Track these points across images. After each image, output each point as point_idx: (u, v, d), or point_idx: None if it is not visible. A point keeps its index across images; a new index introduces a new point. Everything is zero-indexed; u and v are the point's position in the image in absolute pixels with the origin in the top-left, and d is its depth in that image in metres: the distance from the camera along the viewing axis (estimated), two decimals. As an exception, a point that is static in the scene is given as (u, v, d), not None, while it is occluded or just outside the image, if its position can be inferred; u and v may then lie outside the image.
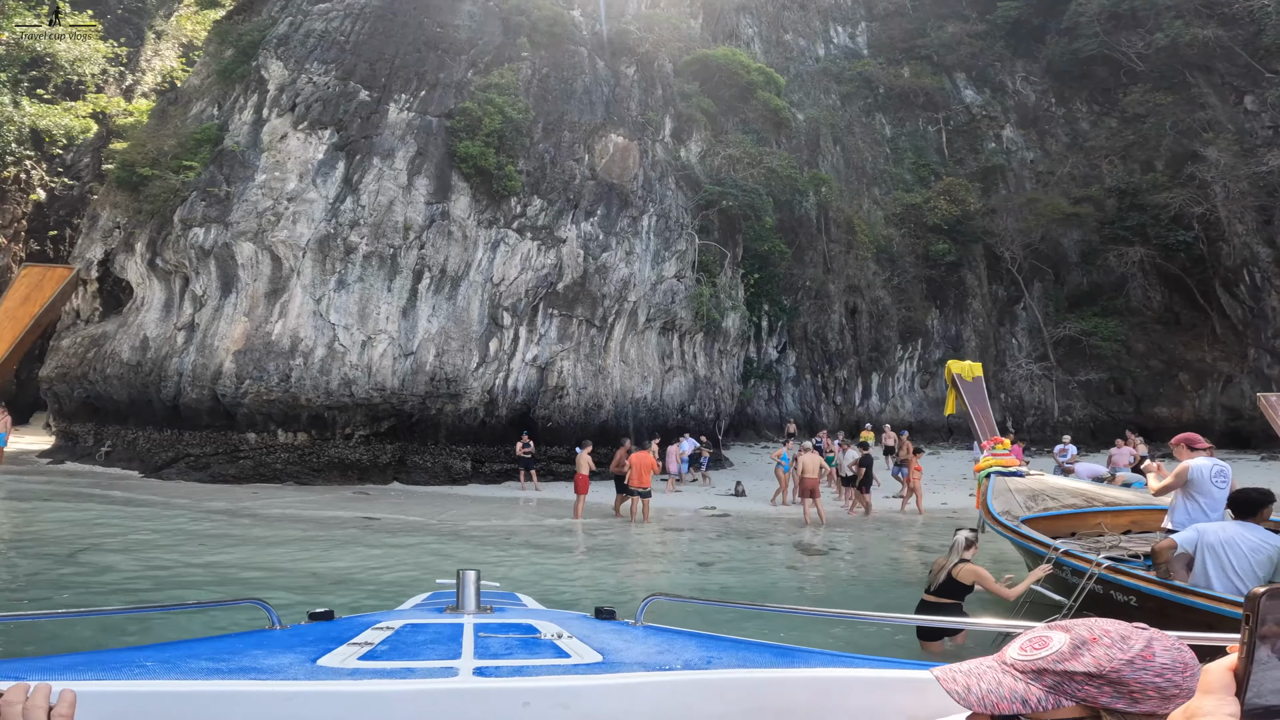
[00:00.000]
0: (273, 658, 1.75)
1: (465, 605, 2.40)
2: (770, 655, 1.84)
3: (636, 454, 16.60)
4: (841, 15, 43.52)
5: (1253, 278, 31.61)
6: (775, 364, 34.05)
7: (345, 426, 21.26)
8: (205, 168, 21.56)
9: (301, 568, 11.10)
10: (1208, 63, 34.41)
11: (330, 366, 20.84)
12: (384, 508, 17.20)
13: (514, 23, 25.34)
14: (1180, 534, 6.27)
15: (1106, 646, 0.91)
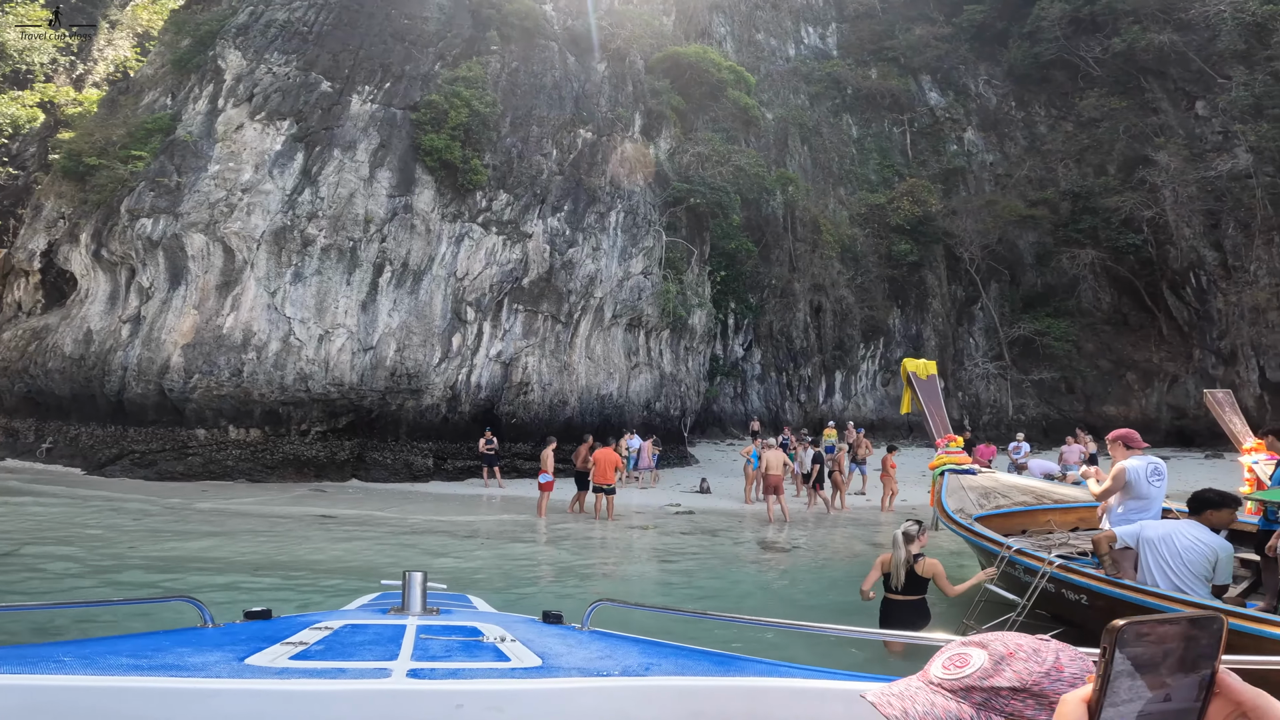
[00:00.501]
0: (199, 655, 1.70)
1: (410, 607, 2.36)
2: (709, 663, 1.83)
3: (600, 450, 16.35)
4: (813, 16, 43.40)
5: (1199, 280, 32.43)
6: (741, 361, 34.04)
7: (301, 422, 20.57)
8: (155, 158, 20.57)
9: (246, 565, 10.71)
10: (1162, 68, 35.02)
11: (285, 361, 20.10)
12: (341, 505, 16.72)
13: (484, 16, 24.64)
14: (1122, 528, 6.30)
15: (1024, 660, 0.91)
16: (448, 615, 2.40)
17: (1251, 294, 30.01)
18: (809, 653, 5.61)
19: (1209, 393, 11.80)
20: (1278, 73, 30.70)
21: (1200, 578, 5.94)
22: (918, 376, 11.96)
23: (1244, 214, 30.69)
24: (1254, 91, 31.20)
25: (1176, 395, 33.28)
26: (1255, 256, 30.28)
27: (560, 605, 2.65)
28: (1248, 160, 30.80)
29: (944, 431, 11.37)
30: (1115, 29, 35.73)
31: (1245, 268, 30.59)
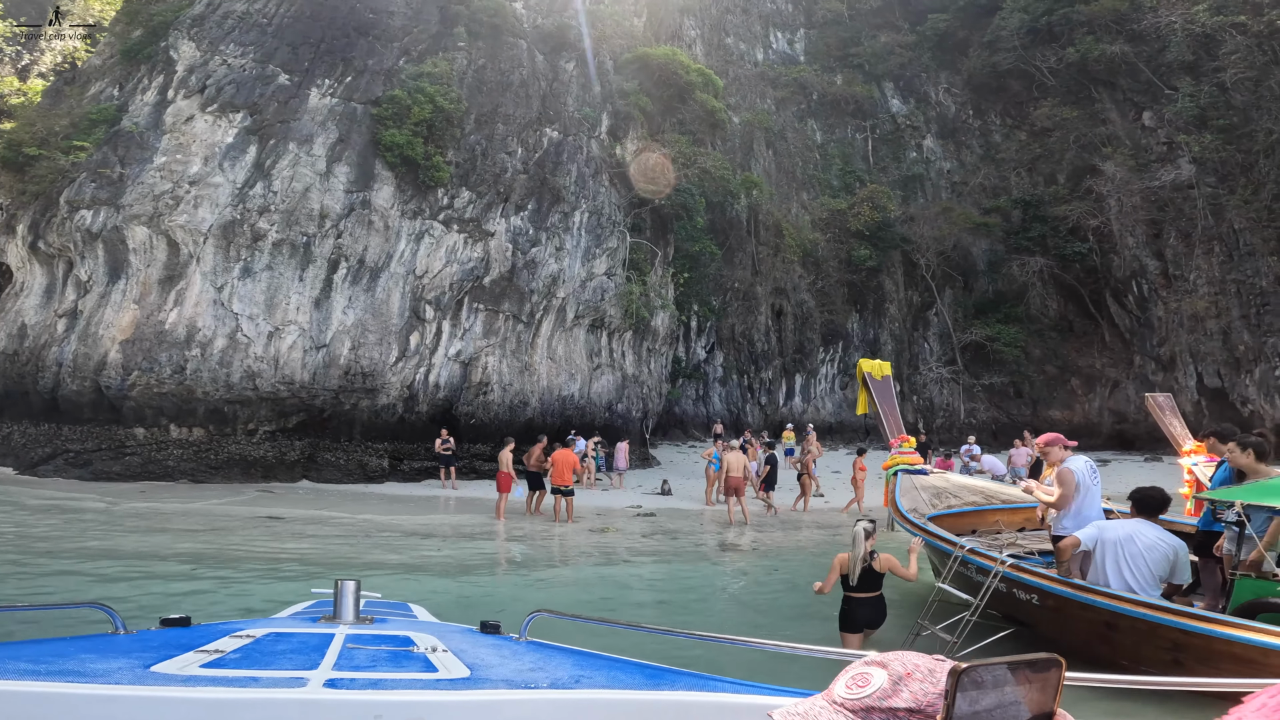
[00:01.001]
0: (103, 662, 1.63)
1: (342, 615, 2.31)
2: (640, 677, 1.82)
3: (558, 451, 16.10)
4: (782, 21, 43.43)
5: (1140, 289, 33.32)
6: (703, 364, 33.99)
7: (248, 422, 19.76)
8: (98, 149, 19.52)
9: (174, 571, 10.21)
10: (1112, 78, 35.70)
11: (231, 358, 19.29)
12: (290, 506, 16.18)
13: (452, 12, 23.97)
14: (1083, 531, 6.30)
15: (920, 681, 0.92)
16: (381, 624, 2.34)
17: (1190, 302, 30.95)
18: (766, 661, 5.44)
19: (1150, 396, 12.20)
20: (1224, 84, 31.46)
21: (1157, 578, 6.01)
22: (873, 377, 12.02)
23: (1185, 224, 31.51)
24: (1199, 103, 31.93)
25: (1117, 400, 34.26)
26: (1195, 266, 31.17)
27: (511, 610, 2.51)
28: (1190, 171, 31.53)
29: (897, 432, 11.44)
30: (1070, 39, 36.37)
31: (1185, 277, 31.48)
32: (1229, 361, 29.95)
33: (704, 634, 2.40)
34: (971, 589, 7.03)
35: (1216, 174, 30.90)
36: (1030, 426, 29.47)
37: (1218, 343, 30.31)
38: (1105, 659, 5.95)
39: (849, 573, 6.73)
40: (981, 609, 6.66)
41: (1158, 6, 33.37)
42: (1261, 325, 28.75)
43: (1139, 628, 5.74)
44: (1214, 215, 30.60)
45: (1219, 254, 30.45)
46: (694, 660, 5.71)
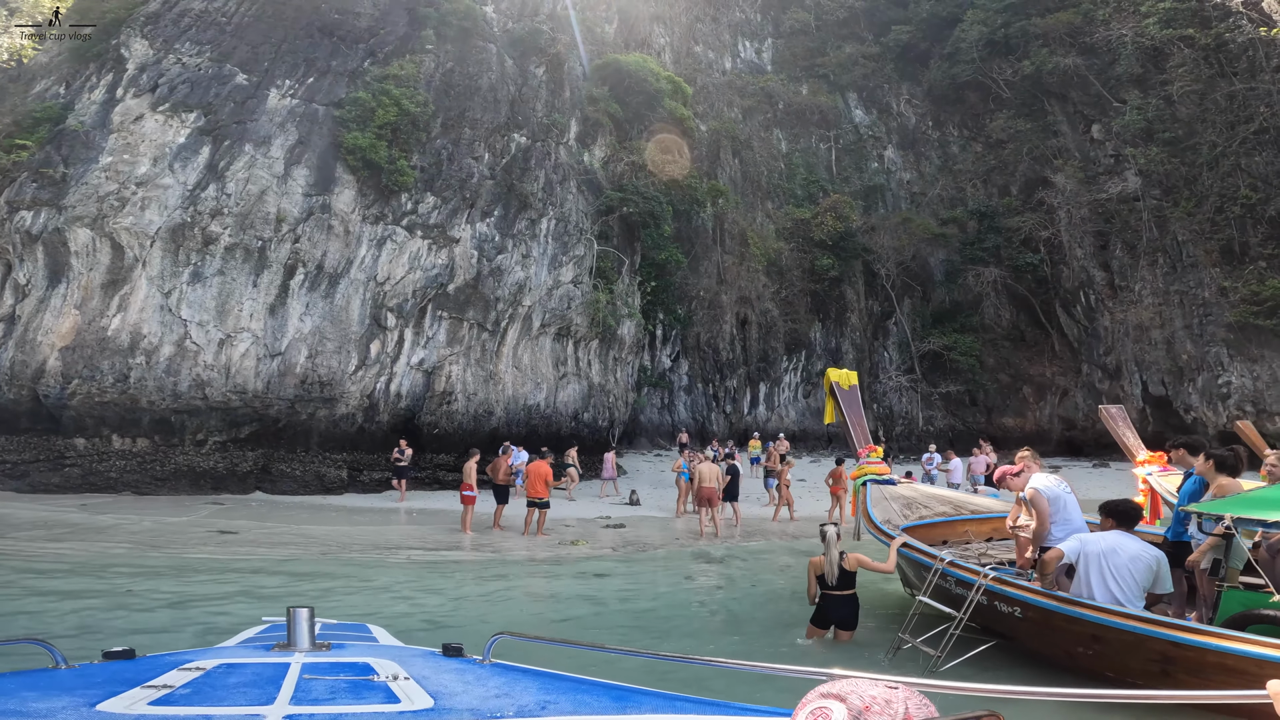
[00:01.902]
0: (45, 700, 1.57)
1: (296, 642, 2.24)
2: (607, 699, 1.82)
3: (532, 464, 15.67)
4: (750, 31, 43.49)
5: (1088, 299, 34.16)
6: (668, 372, 33.71)
7: (197, 432, 18.78)
8: (41, 148, 18.30)
9: (112, 590, 9.58)
10: (1064, 91, 36.47)
11: (179, 366, 18.29)
12: (242, 519, 15.39)
13: (421, 14, 23.31)
14: (1065, 543, 6.24)
15: (878, 714, 0.93)
16: (339, 650, 2.28)
17: (1136, 312, 31.85)
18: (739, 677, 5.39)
19: (1104, 408, 12.44)
20: (1170, 98, 32.24)
21: (1142, 589, 5.97)
22: (840, 386, 11.95)
23: (1131, 236, 32.33)
24: (1146, 115, 32.73)
25: (1067, 408, 35.15)
26: (1140, 277, 32.05)
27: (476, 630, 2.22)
28: (1136, 183, 32.41)
29: (865, 441, 11.37)
30: (1026, 52, 37.15)
31: (1130, 287, 32.35)
32: (1172, 370, 30.87)
33: (669, 655, 2.31)
34: (950, 601, 6.98)
35: (1161, 186, 31.73)
36: (985, 434, 30.29)
37: (1162, 352, 31.23)
38: (1091, 671, 6.00)
39: (825, 573, 7.15)
40: (965, 622, 6.60)
41: (1109, 19, 34.29)
42: (1204, 335, 29.65)
43: (1126, 640, 5.68)
44: (1158, 227, 31.48)
45: (1163, 265, 31.34)
46: (665, 678, 5.43)
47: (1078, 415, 34.49)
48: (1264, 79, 29.31)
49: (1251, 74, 29.82)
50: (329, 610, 4.01)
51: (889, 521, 9.30)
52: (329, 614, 3.28)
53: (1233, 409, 28.20)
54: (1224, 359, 28.92)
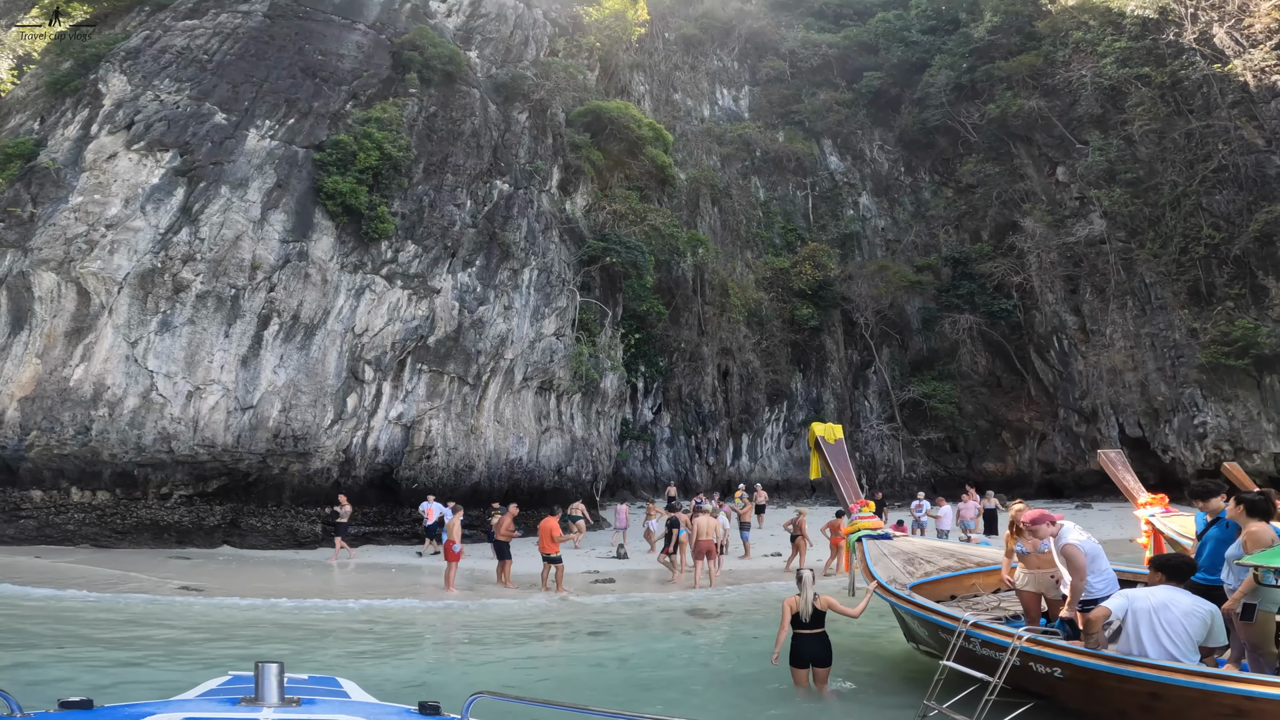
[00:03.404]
0: None
1: (265, 697, 2.12)
2: None
3: (543, 520, 15.12)
4: (728, 79, 44.74)
5: (1061, 344, 34.56)
6: (650, 425, 33.15)
7: (161, 486, 17.60)
8: (10, 185, 17.47)
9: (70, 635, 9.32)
10: (1029, 133, 37.46)
11: (144, 419, 17.19)
12: (208, 574, 14.57)
13: (405, 58, 23.27)
14: (1111, 601, 6.02)
15: None
16: (309, 707, 2.21)
17: (1108, 356, 32.25)
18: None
19: (1103, 453, 12.63)
20: (1130, 137, 33.04)
21: (1196, 644, 5.75)
22: (826, 441, 11.89)
23: (1099, 279, 32.91)
24: (1108, 156, 33.55)
25: (1046, 451, 35.23)
26: (1110, 320, 32.57)
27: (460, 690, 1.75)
28: (1102, 226, 33.06)
29: (855, 496, 11.21)
30: (991, 95, 38.36)
31: (1102, 331, 32.85)
32: (1148, 412, 31.14)
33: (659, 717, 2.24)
34: (975, 662, 6.68)
35: (1126, 228, 32.42)
36: (967, 479, 30.48)
37: (1136, 394, 31.54)
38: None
39: (799, 611, 7.61)
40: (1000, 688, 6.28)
41: (1069, 60, 35.53)
42: (1177, 377, 30.01)
43: (1191, 696, 5.36)
44: (1126, 270, 32.07)
45: (1132, 308, 31.91)
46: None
47: (1057, 459, 34.63)
48: (1220, 115, 29.94)
49: (1207, 111, 30.61)
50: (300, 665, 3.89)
51: (894, 580, 9.05)
52: (299, 668, 3.10)
53: (1210, 448, 28.41)
54: (1198, 400, 29.24)
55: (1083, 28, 35.70)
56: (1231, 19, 30.42)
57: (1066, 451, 34.28)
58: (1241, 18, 30.19)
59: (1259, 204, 27.85)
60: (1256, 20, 29.65)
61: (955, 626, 7.02)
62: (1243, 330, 26.97)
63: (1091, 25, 35.42)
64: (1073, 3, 36.54)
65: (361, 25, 23.79)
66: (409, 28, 24.19)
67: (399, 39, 23.70)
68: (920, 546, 10.77)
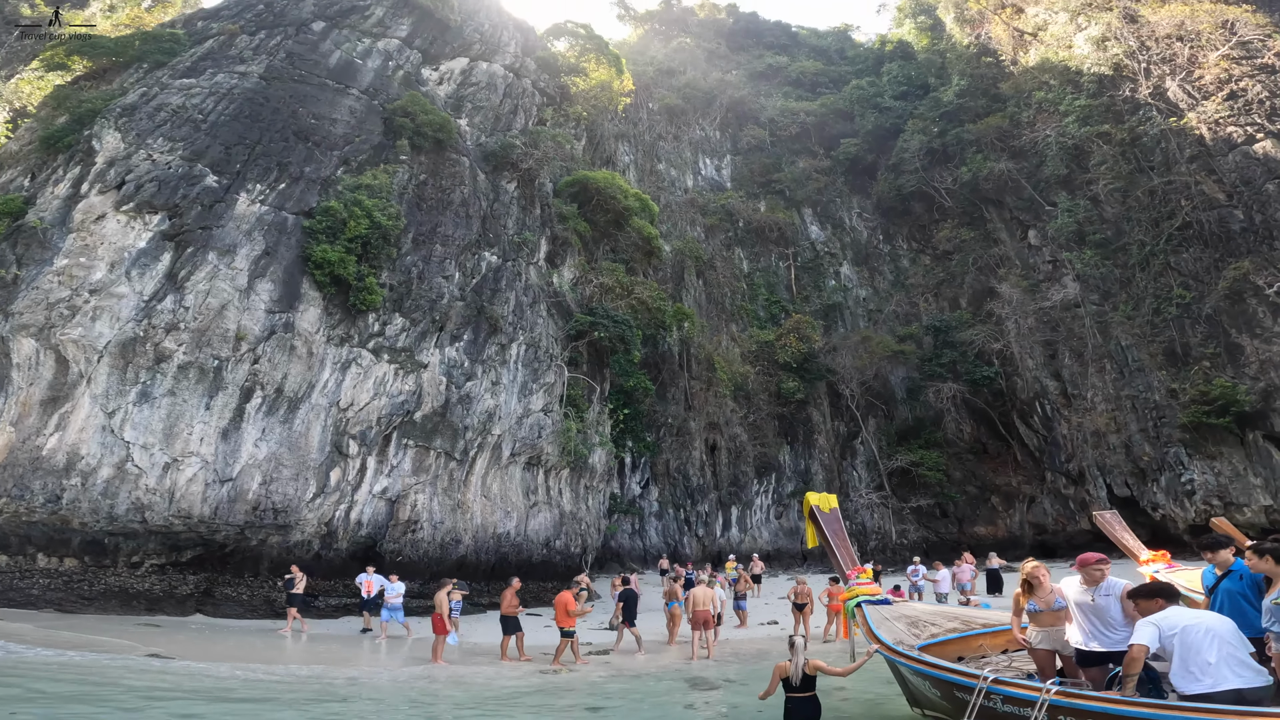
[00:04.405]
0: None
1: None
2: None
3: (559, 595, 14.64)
4: (710, 148, 46.14)
5: (1044, 409, 34.42)
6: (639, 499, 32.32)
7: (133, 555, 16.60)
8: (-3, 244, 17.13)
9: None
10: (1000, 196, 38.16)
11: (117, 489, 16.27)
12: (179, 643, 13.55)
13: (397, 124, 23.61)
14: (1139, 635, 5.56)
15: None
16: None
17: (1091, 419, 32.06)
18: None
19: (1098, 514, 12.65)
20: (1096, 197, 33.54)
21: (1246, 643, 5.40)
22: (820, 510, 11.61)
23: (1077, 343, 33.01)
24: (1076, 218, 34.04)
25: (1036, 513, 34.68)
26: (1090, 384, 32.55)
27: None
28: (1075, 289, 33.35)
29: (851, 564, 10.80)
30: (963, 158, 39.36)
31: (1083, 395, 32.79)
32: (1134, 472, 30.78)
33: None
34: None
35: (1099, 290, 32.77)
36: (959, 543, 30.44)
37: (1121, 455, 31.23)
38: None
39: (790, 676, 7.78)
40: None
41: (1034, 121, 36.72)
42: (1160, 437, 29.81)
43: None
44: (1102, 333, 32.23)
45: (1110, 371, 32.00)
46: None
47: (1047, 520, 34.12)
48: (1180, 171, 30.24)
49: (1167, 167, 31.00)
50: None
51: (901, 643, 8.76)
52: None
53: (1199, 504, 27.95)
54: (1183, 458, 28.99)
55: (1044, 87, 36.99)
56: (1183, 71, 31.17)
57: (1056, 513, 33.78)
58: (1192, 70, 30.92)
59: (1225, 260, 27.95)
60: (1206, 71, 30.36)
61: (974, 684, 6.61)
62: (1221, 389, 26.80)
63: (1052, 84, 36.66)
64: (1033, 63, 37.98)
65: (355, 90, 24.22)
66: (401, 94, 24.62)
67: (391, 105, 24.11)
68: (923, 610, 10.50)
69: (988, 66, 41.51)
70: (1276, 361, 25.78)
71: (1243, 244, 27.66)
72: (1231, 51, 29.77)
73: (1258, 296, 26.35)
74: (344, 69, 24.65)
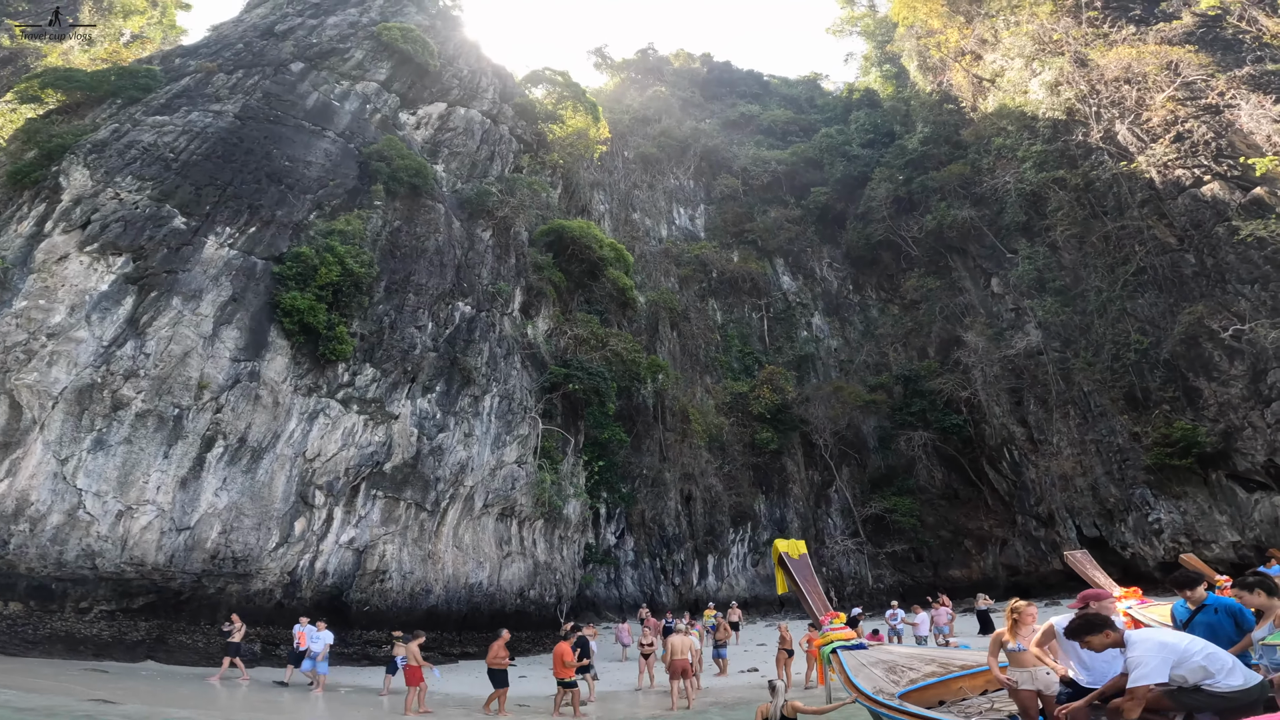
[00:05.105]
0: None
1: None
2: None
3: (557, 645, 14.23)
4: (684, 197, 46.33)
5: (1012, 455, 34.42)
6: (614, 549, 31.52)
7: (81, 600, 15.55)
8: (-46, 286, 16.41)
9: None
10: (964, 245, 38.38)
11: (67, 536, 15.39)
12: (126, 690, 12.76)
13: (373, 168, 23.21)
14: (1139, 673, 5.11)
15: None
16: None
17: (1058, 463, 32.09)
18: None
19: (1069, 554, 12.88)
20: (1054, 243, 33.69)
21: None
22: (790, 556, 11.38)
23: (1041, 390, 33.23)
24: (1036, 265, 34.27)
25: (1008, 555, 34.37)
26: (1055, 429, 32.71)
27: None
28: (1038, 337, 33.60)
29: (824, 609, 10.51)
30: (927, 206, 39.56)
31: (1049, 440, 32.88)
32: (1102, 513, 30.74)
33: None
34: None
35: (1060, 338, 33.07)
36: (934, 586, 30.33)
37: (1089, 497, 31.23)
38: None
39: (769, 717, 8.11)
40: None
41: (994, 168, 37.20)
42: (1125, 479, 29.87)
43: None
44: (1065, 380, 32.48)
45: (1074, 416, 32.20)
46: None
47: (1020, 561, 33.88)
48: (1132, 215, 30.54)
49: (1120, 211, 31.30)
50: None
51: (881, 691, 8.50)
52: None
53: (1168, 542, 27.91)
54: (1149, 498, 29.05)
55: (1002, 133, 37.45)
56: (1131, 114, 31.52)
57: (1029, 554, 33.59)
58: (1140, 112, 31.17)
59: (1180, 305, 28.13)
60: (1153, 114, 30.48)
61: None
62: (1182, 431, 26.96)
63: (1010, 130, 37.09)
64: (992, 109, 38.50)
65: (331, 132, 23.85)
66: (378, 137, 24.30)
67: (368, 148, 23.75)
68: (900, 654, 10.08)
69: (949, 114, 42.13)
70: (1235, 403, 26.02)
71: (1195, 288, 27.97)
72: (1177, 93, 29.96)
73: (1213, 340, 26.56)
74: (321, 111, 24.31)
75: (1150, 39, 31.77)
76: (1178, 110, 29.71)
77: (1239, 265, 26.39)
